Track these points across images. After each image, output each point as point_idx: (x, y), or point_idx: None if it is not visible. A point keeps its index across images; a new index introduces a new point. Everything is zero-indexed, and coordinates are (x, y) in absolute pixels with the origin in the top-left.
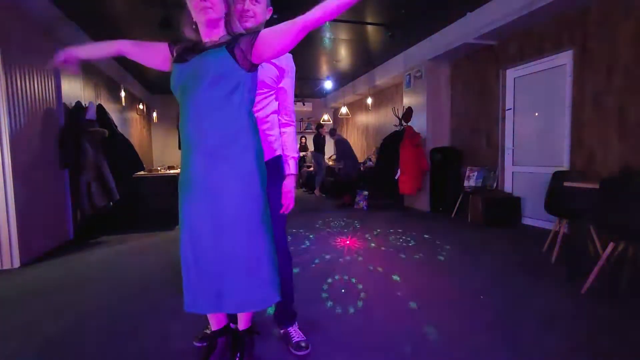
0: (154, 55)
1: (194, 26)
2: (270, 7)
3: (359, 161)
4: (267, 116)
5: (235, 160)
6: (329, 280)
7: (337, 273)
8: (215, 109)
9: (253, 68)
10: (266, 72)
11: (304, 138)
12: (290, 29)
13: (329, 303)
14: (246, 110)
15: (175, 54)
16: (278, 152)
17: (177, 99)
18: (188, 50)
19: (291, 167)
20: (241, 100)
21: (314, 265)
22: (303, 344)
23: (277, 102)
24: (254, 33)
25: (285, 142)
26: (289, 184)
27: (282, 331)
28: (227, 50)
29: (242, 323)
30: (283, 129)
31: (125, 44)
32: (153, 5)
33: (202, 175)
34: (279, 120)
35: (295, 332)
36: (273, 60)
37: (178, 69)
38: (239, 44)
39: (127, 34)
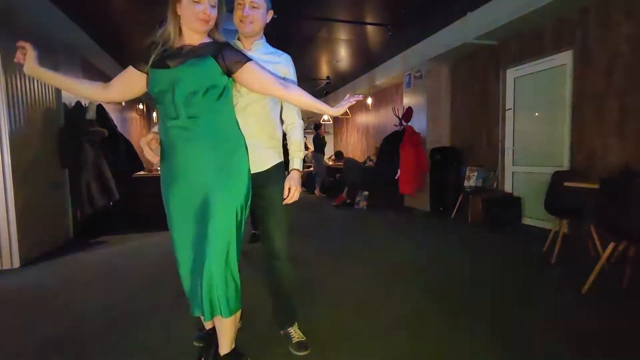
0: (126, 86)
1: (177, 27)
2: (272, 10)
3: (360, 161)
4: (272, 121)
5: (225, 163)
6: (329, 280)
7: (336, 273)
8: (204, 115)
9: (232, 75)
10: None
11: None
12: (271, 87)
13: (329, 303)
14: (233, 114)
15: (151, 61)
16: (281, 158)
17: (155, 101)
18: (168, 55)
19: (295, 163)
20: (228, 105)
21: (313, 265)
22: (303, 344)
23: (280, 104)
24: (243, 57)
25: (291, 139)
26: (292, 178)
27: (282, 332)
28: (213, 58)
29: (222, 346)
30: (289, 127)
31: (108, 88)
32: (153, 5)
33: (190, 179)
34: (285, 120)
35: (295, 333)
36: (274, 63)
37: (159, 74)
38: (223, 56)
39: (127, 34)
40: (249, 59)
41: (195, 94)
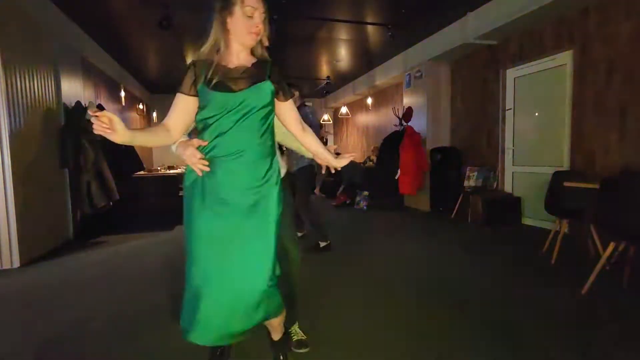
0: (186, 117)
1: (226, 42)
2: None
3: (359, 162)
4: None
5: (269, 186)
6: (329, 280)
7: (336, 273)
8: (259, 137)
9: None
10: None
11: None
12: (294, 126)
13: (329, 302)
14: (272, 133)
15: (204, 81)
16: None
17: (207, 123)
18: (228, 78)
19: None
20: (272, 125)
21: (314, 266)
22: (303, 343)
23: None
24: (288, 90)
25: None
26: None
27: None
28: (269, 80)
29: (277, 334)
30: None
31: (172, 128)
32: (153, 5)
33: (236, 201)
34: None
35: (296, 332)
36: None
37: (220, 97)
38: (276, 80)
39: (127, 34)
40: (292, 94)
41: (254, 116)
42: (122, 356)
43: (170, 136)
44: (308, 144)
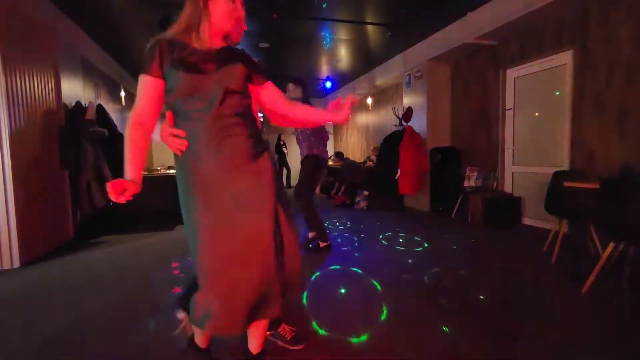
0: (158, 101)
1: (200, 24)
2: None
3: (359, 161)
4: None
5: (256, 169)
6: (328, 280)
7: (335, 273)
8: (237, 123)
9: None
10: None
11: None
12: (283, 108)
13: (328, 303)
14: (254, 120)
15: (171, 62)
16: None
17: (177, 105)
18: (199, 59)
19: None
20: (251, 114)
21: (312, 265)
22: (299, 337)
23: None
24: (264, 72)
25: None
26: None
27: (270, 334)
28: (243, 65)
29: (258, 347)
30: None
31: (146, 121)
32: (153, 5)
33: (225, 187)
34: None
35: (285, 330)
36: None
37: (190, 79)
38: (249, 65)
39: (127, 34)
40: (267, 80)
41: (230, 100)
42: (122, 356)
43: (146, 131)
44: (301, 115)
